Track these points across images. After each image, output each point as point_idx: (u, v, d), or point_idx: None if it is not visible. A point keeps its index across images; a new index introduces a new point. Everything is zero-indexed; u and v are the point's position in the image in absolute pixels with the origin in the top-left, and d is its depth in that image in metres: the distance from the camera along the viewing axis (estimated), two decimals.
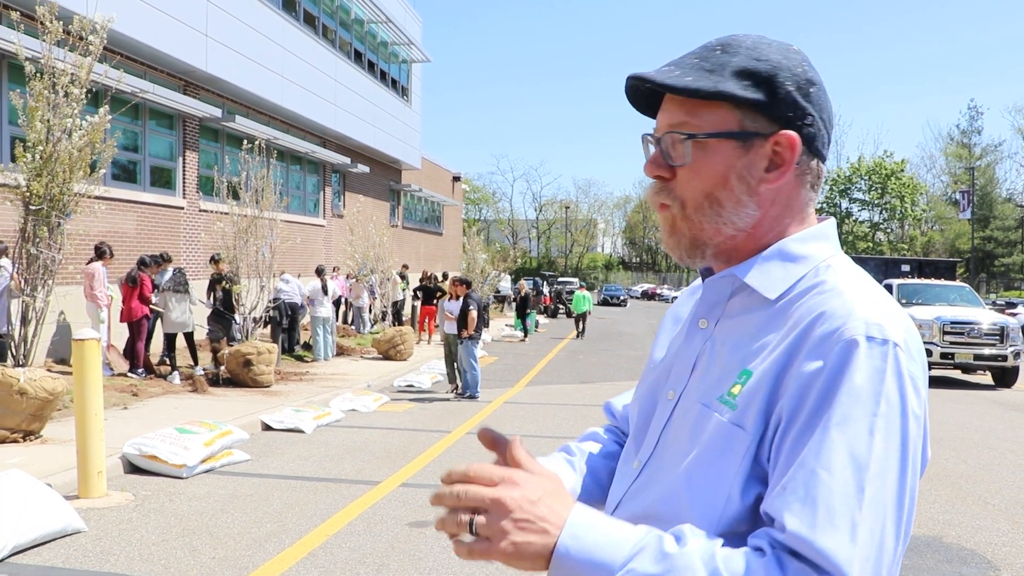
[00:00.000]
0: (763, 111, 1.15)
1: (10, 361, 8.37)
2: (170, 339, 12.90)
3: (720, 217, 1.17)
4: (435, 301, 22.41)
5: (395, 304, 22.71)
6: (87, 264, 12.22)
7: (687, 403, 1.18)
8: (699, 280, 1.44)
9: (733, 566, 0.95)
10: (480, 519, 0.99)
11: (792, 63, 1.16)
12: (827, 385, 1.01)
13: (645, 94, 1.23)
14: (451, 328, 13.07)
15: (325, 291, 16.75)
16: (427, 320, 22.53)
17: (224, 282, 13.18)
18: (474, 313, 12.81)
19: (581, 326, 27.69)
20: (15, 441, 7.82)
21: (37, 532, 5.34)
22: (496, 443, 1.10)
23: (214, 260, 13.59)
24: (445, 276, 23.25)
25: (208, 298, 13.61)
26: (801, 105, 1.15)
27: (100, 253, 12.20)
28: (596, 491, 1.41)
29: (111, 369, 12.23)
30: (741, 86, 1.14)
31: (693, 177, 1.17)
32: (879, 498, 0.97)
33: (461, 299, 13.04)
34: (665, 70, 1.18)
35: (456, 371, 13.05)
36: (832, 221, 1.24)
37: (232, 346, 12.96)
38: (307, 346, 17.58)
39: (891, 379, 1.01)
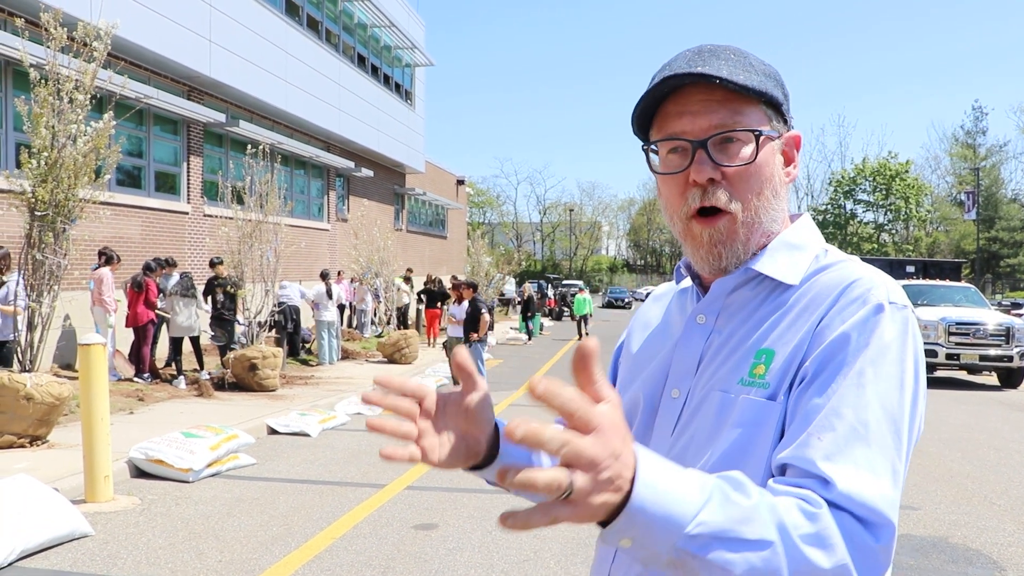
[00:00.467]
0: (780, 111, 1.22)
1: (16, 367, 8.40)
2: (176, 343, 12.94)
3: (768, 215, 1.21)
4: (440, 305, 22.45)
5: (399, 308, 22.74)
6: (94, 269, 12.26)
7: (701, 396, 1.19)
8: (663, 286, 1.47)
9: (793, 517, 0.94)
10: (579, 482, 0.82)
11: (771, 70, 1.24)
12: (860, 342, 1.07)
13: (655, 100, 1.20)
14: (455, 331, 13.08)
15: (330, 295, 16.77)
16: (433, 323, 22.57)
17: (228, 286, 13.19)
18: (486, 316, 12.84)
19: (584, 329, 27.81)
20: (22, 446, 7.85)
21: (44, 536, 5.36)
22: (584, 361, 0.88)
23: (213, 264, 13.58)
24: (455, 280, 23.25)
25: (205, 301, 13.62)
26: (788, 109, 1.26)
27: (108, 259, 12.25)
28: None
29: (117, 374, 12.27)
30: (772, 85, 1.20)
31: (751, 177, 1.18)
32: (901, 450, 1.04)
33: (467, 303, 13.05)
34: (713, 65, 1.16)
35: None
36: (808, 216, 1.31)
37: (234, 350, 12.99)
38: (309, 351, 17.60)
39: (910, 341, 1.09)
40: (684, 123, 1.17)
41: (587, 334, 27.51)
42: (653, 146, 1.23)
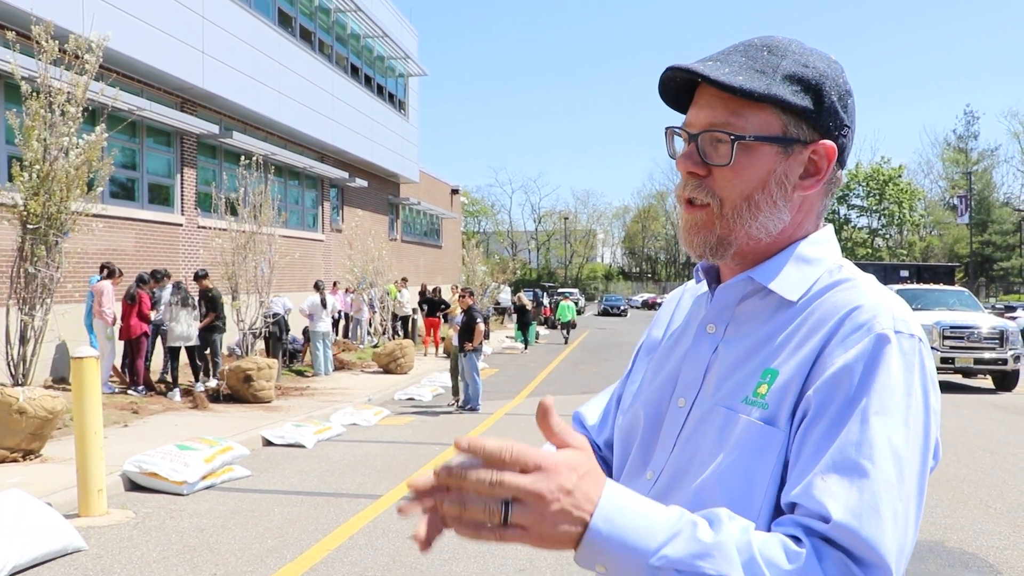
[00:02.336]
0: (808, 118, 1.16)
1: (9, 380, 8.37)
2: (173, 353, 12.91)
3: (756, 220, 1.17)
4: (439, 314, 22.46)
5: (402, 319, 22.76)
6: (96, 283, 12.24)
7: (704, 408, 1.17)
8: (681, 289, 1.43)
9: (769, 554, 0.94)
10: (516, 511, 0.92)
11: (835, 72, 1.18)
12: (864, 376, 1.03)
13: (678, 87, 1.22)
14: (456, 340, 13.11)
15: (324, 305, 16.74)
16: (432, 331, 22.56)
17: (211, 297, 13.11)
18: (481, 326, 12.86)
19: (567, 333, 30.56)
20: (15, 460, 7.81)
21: (37, 551, 5.33)
22: (544, 415, 1.00)
23: (198, 277, 13.43)
24: (455, 288, 23.28)
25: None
26: (841, 116, 1.18)
27: (110, 272, 12.23)
28: None
29: (113, 386, 12.23)
30: (791, 91, 1.15)
31: (733, 178, 1.16)
32: (910, 488, 1.00)
33: (461, 312, 13.07)
34: (712, 65, 1.16)
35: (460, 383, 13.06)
36: (831, 227, 1.26)
37: (217, 361, 13.01)
38: (295, 357, 17.57)
39: (918, 373, 1.05)
40: (692, 114, 1.20)
41: (566, 339, 27.89)
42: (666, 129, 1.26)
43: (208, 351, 13.17)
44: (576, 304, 55.29)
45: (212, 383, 12.91)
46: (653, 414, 1.27)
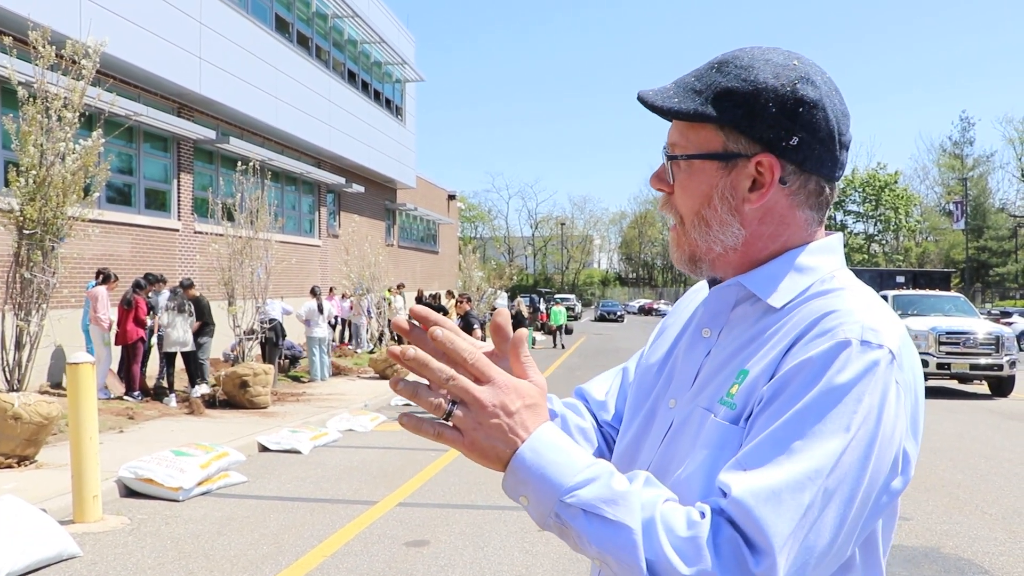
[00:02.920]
0: (744, 132, 1.15)
1: (4, 386, 8.35)
2: (169, 358, 12.89)
3: (709, 234, 1.19)
4: None
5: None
6: (92, 288, 12.22)
7: (689, 410, 1.18)
8: (703, 283, 1.44)
9: (669, 519, 0.96)
10: (458, 412, 1.00)
11: (783, 81, 1.14)
12: (813, 376, 1.02)
13: None
14: None
15: (321, 311, 16.74)
16: None
17: (198, 307, 13.08)
18: (479, 332, 12.86)
19: (559, 339, 31.50)
20: (9, 467, 7.80)
21: (32, 558, 5.31)
22: (501, 329, 1.08)
23: (184, 287, 13.32)
24: (451, 294, 23.27)
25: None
26: (784, 125, 1.13)
27: (105, 277, 12.22)
28: None
29: (108, 392, 12.21)
30: (721, 108, 1.15)
31: (682, 195, 1.20)
32: (833, 493, 0.97)
33: (457, 317, 13.09)
34: (662, 89, 1.21)
35: None
36: (839, 236, 1.25)
37: (203, 363, 13.02)
38: (291, 362, 17.54)
39: (876, 384, 1.01)
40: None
41: (563, 345, 27.92)
42: None
43: (199, 356, 13.17)
44: (572, 310, 55.43)
45: (205, 388, 12.89)
46: (648, 413, 1.28)
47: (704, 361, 1.21)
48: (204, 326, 13.13)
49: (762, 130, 1.14)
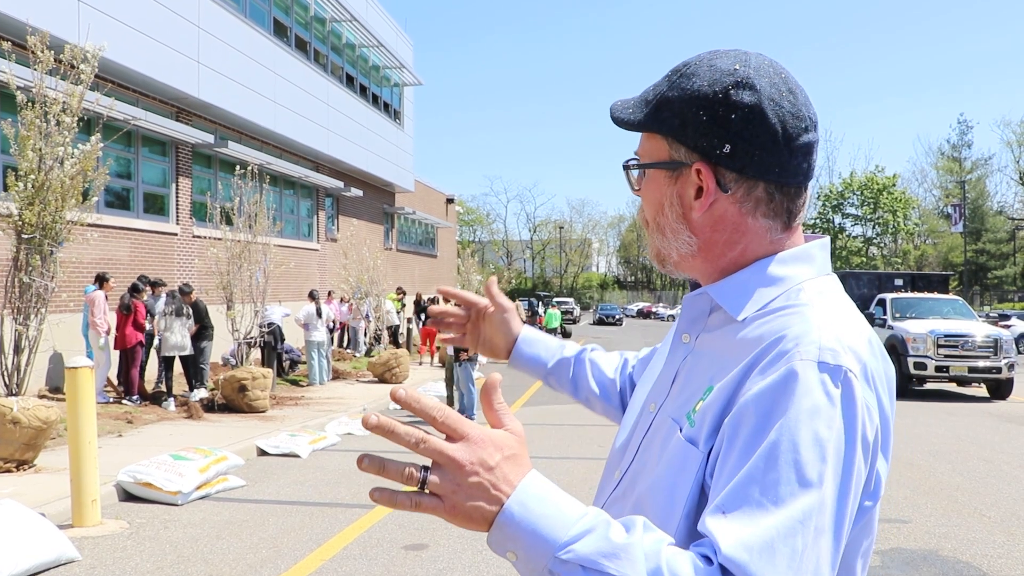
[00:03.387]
0: (681, 141, 1.14)
1: (3, 390, 8.35)
2: (168, 362, 12.88)
3: (664, 241, 1.21)
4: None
5: (389, 328, 22.75)
6: (90, 292, 12.22)
7: (661, 417, 1.18)
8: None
9: (676, 567, 0.92)
10: (433, 478, 0.93)
11: (716, 88, 1.12)
12: (771, 407, 0.98)
13: None
14: (451, 348, 13.11)
15: (319, 315, 16.74)
16: (428, 341, 22.55)
17: (196, 311, 13.06)
18: None
19: None
20: (8, 471, 7.79)
21: (31, 562, 5.31)
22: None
23: (183, 292, 13.29)
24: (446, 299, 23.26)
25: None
26: (716, 133, 1.11)
27: (101, 281, 12.22)
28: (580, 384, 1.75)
29: (108, 396, 12.20)
30: (660, 118, 1.16)
31: (644, 202, 1.23)
32: (819, 527, 0.95)
33: None
34: (627, 100, 1.24)
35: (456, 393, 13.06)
36: (822, 241, 1.21)
37: (203, 369, 13.00)
38: (292, 366, 17.55)
39: (839, 406, 0.98)
40: None
41: None
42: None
43: (198, 360, 13.16)
44: (571, 313, 55.44)
45: (204, 392, 12.88)
46: (634, 416, 1.29)
47: (680, 367, 1.21)
48: (203, 330, 13.12)
49: (695, 138, 1.13)
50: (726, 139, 1.11)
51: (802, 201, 1.17)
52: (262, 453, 9.63)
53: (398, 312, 24.02)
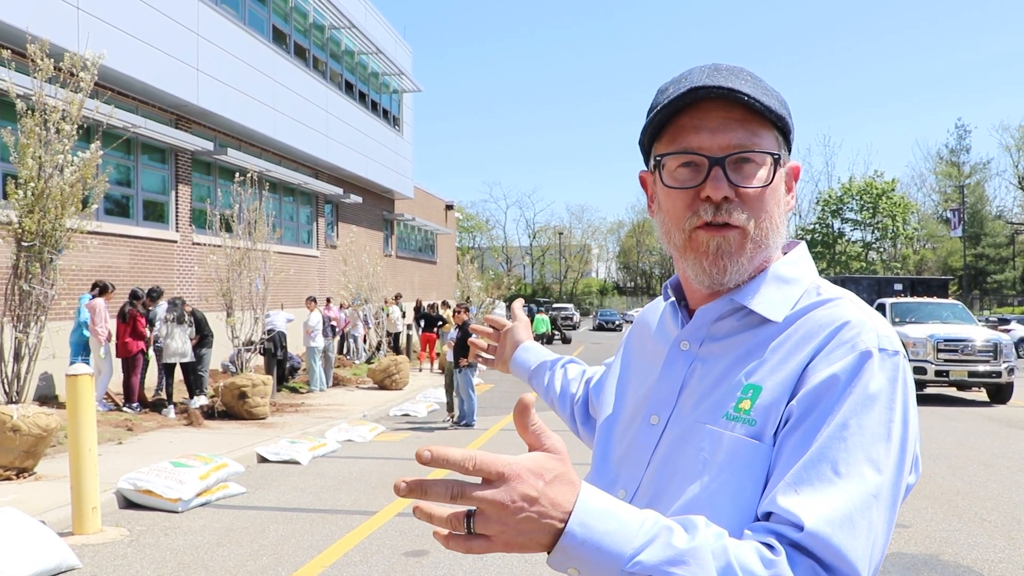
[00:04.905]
0: (787, 140, 1.20)
1: (3, 398, 8.35)
2: (169, 369, 12.87)
3: (777, 236, 1.20)
4: (435, 329, 22.46)
5: (391, 335, 22.75)
6: (89, 301, 12.22)
7: (682, 427, 1.16)
8: (657, 302, 1.45)
9: (745, 561, 0.94)
10: (478, 518, 0.93)
11: (779, 96, 1.21)
12: (845, 389, 1.04)
13: (671, 112, 1.18)
14: (451, 355, 13.13)
15: (324, 321, 16.75)
16: (428, 347, 22.56)
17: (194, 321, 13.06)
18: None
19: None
20: (8, 479, 7.79)
21: (31, 570, 5.30)
22: (521, 412, 0.99)
23: (176, 304, 13.24)
24: (445, 304, 23.27)
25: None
26: (791, 141, 1.23)
27: (102, 289, 12.22)
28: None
29: (108, 404, 12.19)
30: (783, 115, 1.19)
31: (767, 198, 1.17)
32: (884, 502, 1.01)
33: (456, 328, 13.09)
34: (736, 81, 1.16)
35: (455, 399, 13.06)
36: (804, 245, 1.27)
37: (202, 376, 13.00)
38: (293, 373, 17.54)
39: (900, 389, 1.06)
40: (702, 138, 1.15)
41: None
42: (658, 159, 1.21)
43: (198, 368, 13.16)
44: (571, 319, 55.37)
45: (204, 400, 12.88)
46: (623, 431, 1.27)
47: (687, 375, 1.20)
48: (202, 337, 13.13)
49: (793, 139, 1.23)
50: (790, 147, 1.23)
51: None
52: (262, 460, 9.62)
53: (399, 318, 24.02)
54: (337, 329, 22.04)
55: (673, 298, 1.31)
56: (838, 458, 1.00)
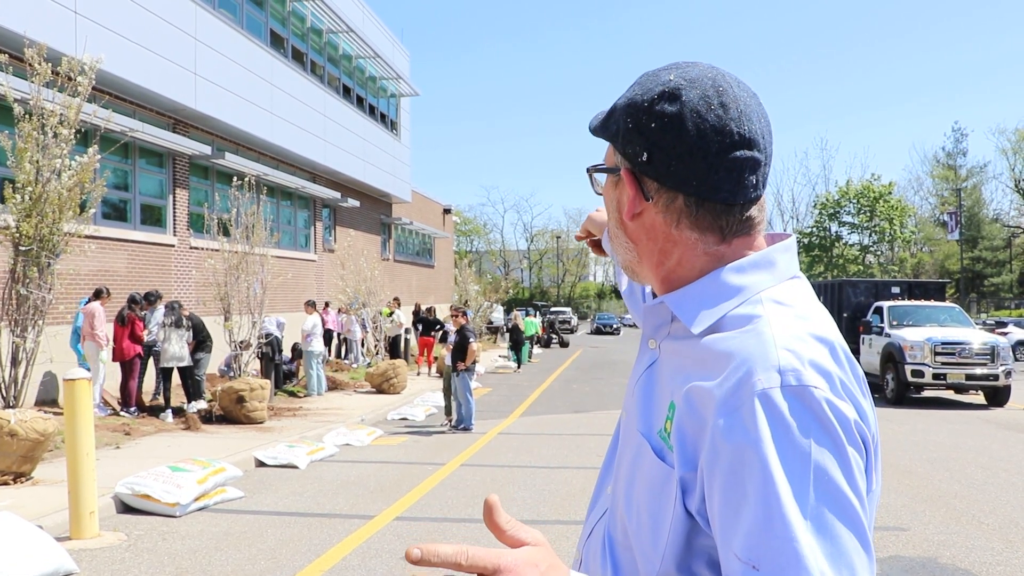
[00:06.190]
0: (616, 148, 1.16)
1: (0, 403, 8.34)
2: (166, 374, 12.87)
3: (614, 245, 1.22)
4: (433, 333, 22.46)
5: (391, 339, 22.75)
6: (86, 304, 12.21)
7: (629, 428, 1.17)
8: None
9: None
10: None
11: (644, 97, 1.11)
12: (750, 446, 0.95)
13: None
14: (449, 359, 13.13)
15: (322, 325, 16.74)
16: (426, 351, 22.55)
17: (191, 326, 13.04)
18: (474, 345, 12.87)
19: (531, 349, 31.20)
20: (6, 483, 7.77)
21: (29, 575, 5.29)
22: (490, 512, 0.97)
23: (173, 307, 13.20)
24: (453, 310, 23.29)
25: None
26: (637, 141, 1.10)
27: (98, 293, 12.22)
28: None
29: (106, 408, 12.17)
30: (606, 123, 1.18)
31: (608, 206, 1.22)
32: (844, 548, 0.92)
33: (454, 332, 13.10)
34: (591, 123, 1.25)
35: (453, 403, 13.06)
36: (786, 243, 1.15)
37: (199, 379, 12.98)
38: (289, 377, 17.52)
39: (814, 423, 0.95)
40: None
41: (518, 361, 26.89)
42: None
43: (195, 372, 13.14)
44: (569, 323, 55.39)
45: (201, 404, 12.86)
46: (619, 427, 1.28)
47: (644, 374, 1.19)
48: (200, 343, 13.11)
49: (623, 145, 1.13)
50: (644, 147, 1.10)
51: (735, 218, 1.11)
52: (260, 464, 9.61)
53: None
54: (334, 333, 22.07)
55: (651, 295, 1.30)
56: (772, 528, 0.91)
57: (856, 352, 18.13)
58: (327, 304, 22.29)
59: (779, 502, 0.92)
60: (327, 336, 20.70)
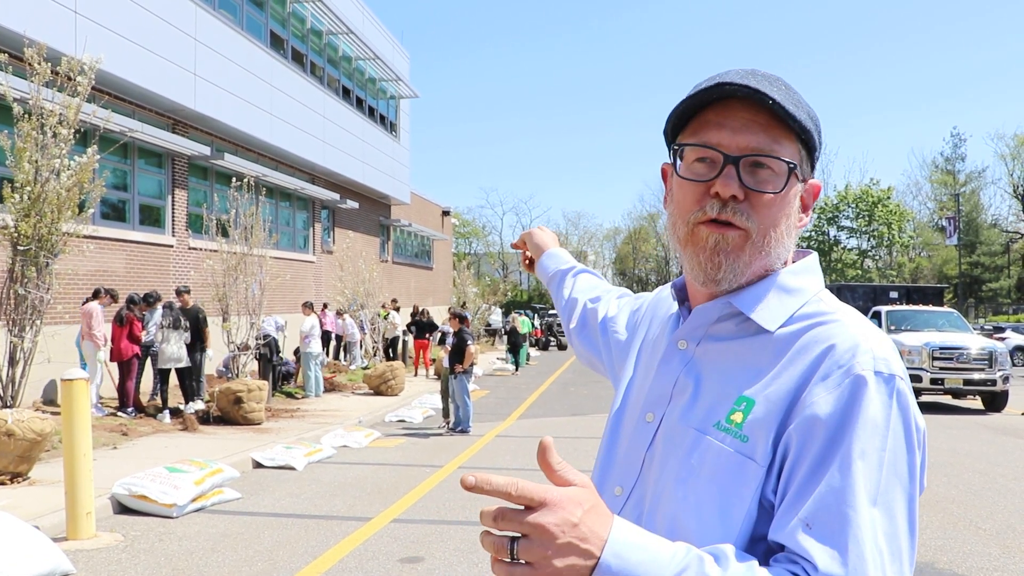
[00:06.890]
0: (810, 156, 1.19)
1: None
2: (164, 375, 12.85)
3: (777, 249, 1.18)
4: (428, 335, 22.44)
5: (389, 340, 22.74)
6: (83, 304, 12.20)
7: (672, 427, 1.17)
8: (660, 289, 1.45)
9: None
10: (522, 543, 0.95)
11: (813, 111, 1.21)
12: (843, 419, 1.03)
13: (699, 104, 1.18)
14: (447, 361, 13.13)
15: (320, 326, 16.72)
16: (421, 353, 22.53)
17: (192, 320, 13.03)
18: (472, 348, 12.86)
19: (522, 354, 32.28)
20: (2, 483, 7.76)
21: (25, 575, 5.28)
22: (543, 453, 1.01)
23: (179, 292, 13.34)
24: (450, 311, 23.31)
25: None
26: (816, 157, 1.22)
27: (96, 293, 12.21)
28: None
29: (103, 409, 12.16)
30: (812, 127, 1.17)
31: (774, 206, 1.15)
32: (898, 527, 1.01)
33: (452, 334, 13.09)
34: (764, 82, 1.16)
35: (451, 405, 13.05)
36: (816, 255, 1.25)
37: (200, 381, 12.97)
38: (286, 378, 17.51)
39: (898, 413, 1.05)
40: (722, 135, 1.15)
41: (516, 364, 26.78)
42: (677, 147, 1.22)
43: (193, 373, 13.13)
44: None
45: (199, 405, 12.84)
46: (625, 426, 1.28)
47: (681, 374, 1.20)
48: (198, 341, 13.09)
49: (816, 157, 1.22)
50: (813, 166, 1.22)
51: None
52: (258, 465, 9.60)
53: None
54: (332, 335, 22.04)
55: (676, 298, 1.31)
56: (844, 494, 1.00)
57: None
58: (325, 305, 22.27)
59: (852, 474, 1.01)
60: (325, 338, 20.67)
